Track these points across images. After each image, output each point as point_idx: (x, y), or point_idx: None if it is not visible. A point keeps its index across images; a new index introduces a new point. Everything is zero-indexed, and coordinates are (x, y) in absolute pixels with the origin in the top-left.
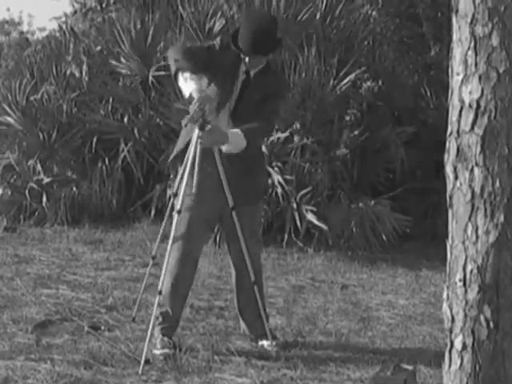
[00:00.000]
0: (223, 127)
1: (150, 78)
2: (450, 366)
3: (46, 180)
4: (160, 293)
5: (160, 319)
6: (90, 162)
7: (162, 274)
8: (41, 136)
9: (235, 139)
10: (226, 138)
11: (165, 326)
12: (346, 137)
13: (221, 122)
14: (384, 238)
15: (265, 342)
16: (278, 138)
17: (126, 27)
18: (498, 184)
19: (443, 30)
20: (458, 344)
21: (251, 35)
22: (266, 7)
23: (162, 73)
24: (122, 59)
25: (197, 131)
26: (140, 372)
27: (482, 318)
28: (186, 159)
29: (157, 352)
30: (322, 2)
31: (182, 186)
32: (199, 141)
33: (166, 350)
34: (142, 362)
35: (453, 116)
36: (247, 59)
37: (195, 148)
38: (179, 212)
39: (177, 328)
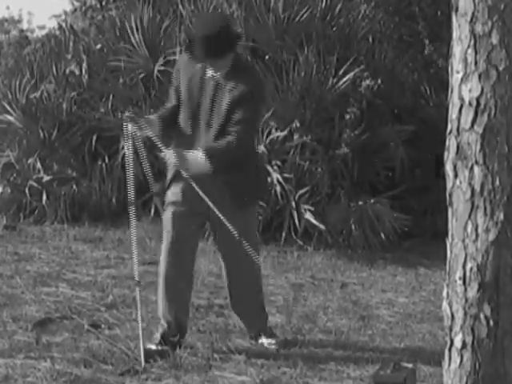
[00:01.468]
0: (201, 141)
1: (156, 72)
2: (449, 364)
3: (46, 178)
4: (139, 283)
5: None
6: (90, 159)
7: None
8: (41, 134)
9: (195, 164)
10: (185, 163)
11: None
12: (347, 136)
13: (198, 135)
14: (384, 236)
15: (264, 340)
16: (278, 137)
17: (136, 21)
18: (497, 182)
19: (443, 29)
20: (457, 342)
21: (201, 40)
22: (266, 6)
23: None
24: (125, 55)
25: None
26: (142, 367)
27: (481, 316)
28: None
29: (152, 347)
30: (322, 1)
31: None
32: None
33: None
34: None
35: (452, 114)
36: (209, 64)
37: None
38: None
39: (183, 331)
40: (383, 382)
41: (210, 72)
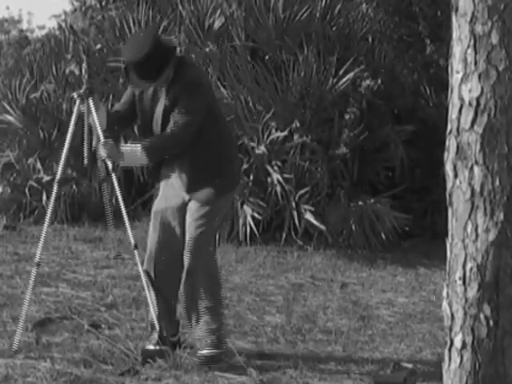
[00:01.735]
0: None
1: None
2: (449, 364)
3: (46, 178)
4: (136, 246)
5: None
6: (90, 160)
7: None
8: (41, 134)
9: (131, 157)
10: (119, 156)
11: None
12: (347, 136)
13: None
14: (384, 236)
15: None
16: (278, 137)
17: (135, 21)
18: (497, 182)
19: (443, 29)
20: (457, 342)
21: (131, 66)
22: (266, 6)
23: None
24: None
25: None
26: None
27: (481, 316)
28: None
29: (150, 347)
30: (321, 1)
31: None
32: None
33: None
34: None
35: (452, 114)
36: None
37: None
38: None
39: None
40: (383, 382)
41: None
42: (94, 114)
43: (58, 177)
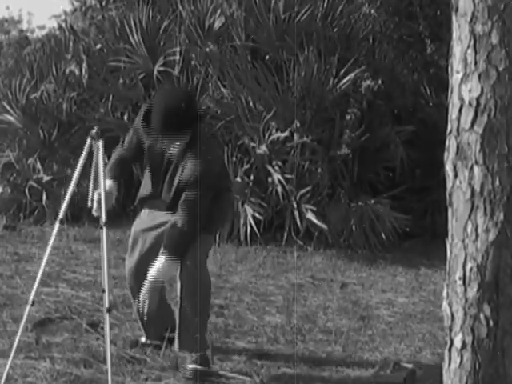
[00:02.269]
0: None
1: (156, 72)
2: (449, 364)
3: (46, 178)
4: (108, 311)
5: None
6: (90, 160)
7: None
8: (41, 134)
9: None
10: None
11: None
12: (347, 136)
13: (158, 193)
14: (384, 236)
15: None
16: (278, 137)
17: (135, 21)
18: (497, 182)
19: (443, 29)
20: (457, 342)
21: (159, 113)
22: (266, 6)
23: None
24: (124, 56)
25: None
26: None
27: (481, 316)
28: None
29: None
30: (323, 1)
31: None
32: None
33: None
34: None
35: (452, 114)
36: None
37: None
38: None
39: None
40: (383, 382)
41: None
42: (100, 157)
43: (102, 220)
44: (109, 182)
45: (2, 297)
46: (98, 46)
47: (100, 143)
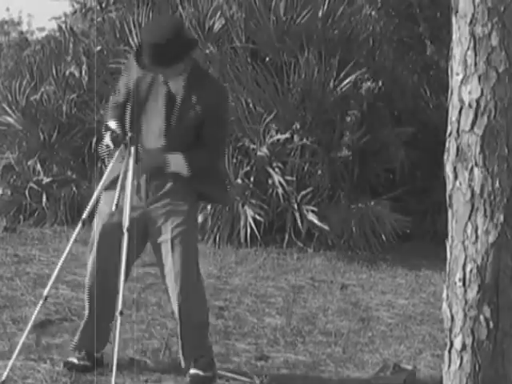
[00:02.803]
0: (146, 145)
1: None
2: (449, 365)
3: (46, 180)
4: (121, 313)
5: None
6: (90, 161)
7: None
8: (41, 136)
9: (174, 164)
10: (164, 161)
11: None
12: (348, 138)
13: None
14: (384, 238)
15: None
16: (279, 139)
17: (135, 23)
18: (497, 184)
19: (443, 30)
20: (457, 344)
21: (149, 48)
22: (266, 8)
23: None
24: (124, 57)
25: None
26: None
27: (481, 317)
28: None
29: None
30: (324, 4)
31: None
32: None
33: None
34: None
35: (452, 116)
36: (157, 73)
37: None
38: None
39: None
40: None
41: (161, 78)
42: (131, 163)
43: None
44: (112, 122)
45: (1, 299)
46: (98, 48)
47: (133, 149)
